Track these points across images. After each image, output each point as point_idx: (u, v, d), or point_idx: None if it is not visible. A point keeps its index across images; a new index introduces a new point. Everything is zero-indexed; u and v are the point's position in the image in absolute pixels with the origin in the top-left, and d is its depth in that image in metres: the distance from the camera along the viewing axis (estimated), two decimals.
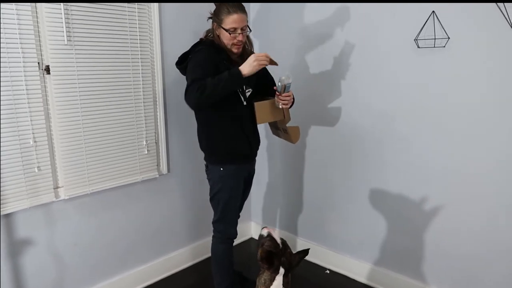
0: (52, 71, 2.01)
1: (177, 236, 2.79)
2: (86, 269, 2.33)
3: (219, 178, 2.16)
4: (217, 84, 1.87)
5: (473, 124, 2.06)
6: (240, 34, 2.02)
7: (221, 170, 2.14)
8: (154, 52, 2.42)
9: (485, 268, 2.13)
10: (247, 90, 2.14)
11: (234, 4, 2.01)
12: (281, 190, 3.05)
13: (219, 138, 2.12)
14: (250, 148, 2.19)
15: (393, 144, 2.37)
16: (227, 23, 2.00)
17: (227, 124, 2.10)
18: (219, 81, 1.87)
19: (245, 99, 2.13)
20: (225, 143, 2.12)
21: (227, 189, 2.16)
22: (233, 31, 2.01)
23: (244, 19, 2.03)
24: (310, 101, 2.71)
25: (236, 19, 1.99)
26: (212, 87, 1.86)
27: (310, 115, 2.74)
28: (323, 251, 2.84)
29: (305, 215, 2.93)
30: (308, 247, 1.86)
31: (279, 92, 2.03)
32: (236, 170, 2.16)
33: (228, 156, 2.13)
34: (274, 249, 1.70)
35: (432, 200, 2.26)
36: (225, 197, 2.17)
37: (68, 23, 2.02)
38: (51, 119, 2.07)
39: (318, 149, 2.76)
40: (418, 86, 2.21)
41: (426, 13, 2.09)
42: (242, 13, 2.01)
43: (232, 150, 2.13)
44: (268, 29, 2.87)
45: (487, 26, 1.94)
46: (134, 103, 2.36)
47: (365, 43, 2.38)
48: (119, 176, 2.36)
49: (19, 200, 1.99)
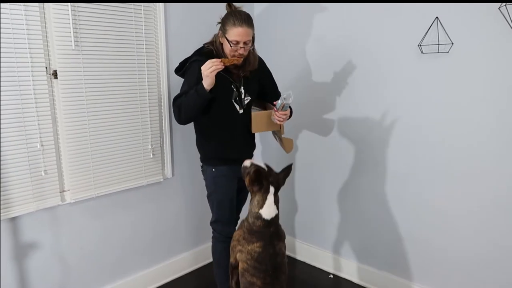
0: (60, 76, 2.03)
1: (181, 240, 2.79)
2: (91, 273, 2.34)
3: (212, 179, 2.22)
4: (187, 103, 1.99)
5: (476, 130, 2.07)
6: (241, 48, 2.00)
7: (213, 171, 2.20)
8: (159, 57, 2.44)
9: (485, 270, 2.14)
10: (246, 98, 2.16)
11: (242, 17, 1.98)
12: (286, 195, 3.05)
13: (210, 142, 2.19)
14: (239, 153, 2.21)
15: (393, 149, 2.38)
16: (231, 34, 1.98)
17: (218, 130, 2.15)
18: (188, 100, 1.98)
19: (241, 107, 2.15)
20: (215, 147, 2.18)
21: (219, 189, 2.22)
22: (235, 43, 1.98)
23: (249, 33, 1.99)
24: (311, 105, 2.72)
25: (240, 33, 1.96)
26: (185, 107, 2.00)
27: (311, 119, 2.75)
28: (326, 256, 2.85)
29: (310, 220, 2.93)
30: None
31: (277, 109, 2.07)
32: (227, 170, 2.20)
33: (218, 159, 2.19)
34: (263, 172, 1.84)
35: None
36: (218, 197, 2.23)
37: (75, 29, 2.04)
38: (58, 123, 2.09)
39: (321, 154, 2.77)
40: (422, 91, 2.23)
41: (429, 18, 2.11)
42: (247, 27, 1.98)
43: (221, 155, 2.18)
44: (271, 31, 2.90)
45: (490, 32, 1.96)
46: (140, 107, 2.38)
47: (369, 48, 2.40)
48: (125, 180, 2.38)
49: (25, 203, 2.00)
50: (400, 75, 2.30)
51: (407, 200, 2.39)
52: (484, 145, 2.06)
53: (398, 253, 2.48)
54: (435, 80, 2.17)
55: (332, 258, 2.82)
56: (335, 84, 2.60)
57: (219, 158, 2.19)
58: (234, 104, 2.13)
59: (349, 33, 2.47)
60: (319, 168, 2.80)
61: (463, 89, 2.09)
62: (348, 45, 2.49)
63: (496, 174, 2.04)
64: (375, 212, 2.54)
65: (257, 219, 1.86)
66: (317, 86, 2.69)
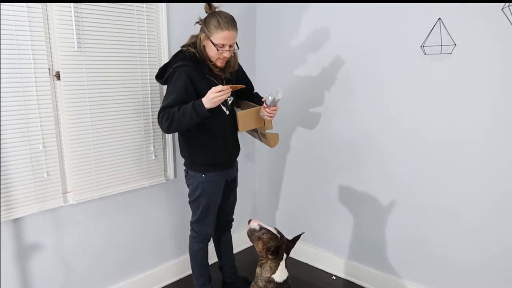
0: (63, 77, 2.04)
1: (184, 242, 2.78)
2: (94, 274, 2.34)
3: (200, 184, 2.19)
4: (183, 119, 1.92)
5: (479, 132, 2.07)
6: (227, 51, 1.98)
7: (203, 176, 2.17)
8: (162, 58, 2.44)
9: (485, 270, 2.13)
10: (229, 98, 2.17)
11: (227, 19, 1.95)
12: (287, 196, 3.05)
13: (200, 149, 2.14)
14: (229, 156, 2.24)
15: (394, 149, 2.38)
16: (217, 38, 1.94)
17: (208, 136, 2.12)
18: (184, 114, 1.92)
19: (227, 109, 2.16)
20: (205, 153, 2.15)
21: (207, 194, 2.20)
22: (221, 47, 1.96)
23: (235, 36, 1.98)
24: (311, 105, 2.72)
25: (226, 36, 1.94)
26: (179, 121, 1.93)
27: (312, 119, 2.75)
28: (329, 257, 2.84)
29: (311, 221, 2.92)
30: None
31: (268, 106, 2.06)
32: (216, 176, 2.20)
33: (207, 165, 2.17)
34: (277, 241, 1.83)
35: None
36: (205, 202, 2.22)
37: (78, 30, 2.04)
38: (60, 125, 2.10)
39: (319, 152, 2.77)
40: (424, 92, 2.22)
41: (432, 19, 2.11)
42: (233, 30, 1.96)
43: (212, 161, 2.16)
44: (269, 31, 2.90)
45: (493, 33, 1.95)
46: (142, 109, 2.38)
47: (370, 48, 2.40)
48: (127, 181, 2.38)
49: (28, 205, 2.00)
50: (402, 76, 2.29)
51: (412, 202, 2.39)
52: (487, 147, 2.06)
53: (400, 254, 2.48)
54: (438, 82, 2.16)
55: (334, 260, 2.82)
56: (336, 84, 2.59)
57: (209, 164, 2.16)
58: (221, 107, 2.11)
59: (351, 34, 2.47)
60: (323, 168, 2.79)
61: (466, 90, 2.08)
62: (350, 45, 2.48)
63: (500, 175, 2.04)
64: (376, 213, 2.54)
65: (269, 283, 1.85)
66: (318, 87, 2.69)
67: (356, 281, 2.71)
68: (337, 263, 2.81)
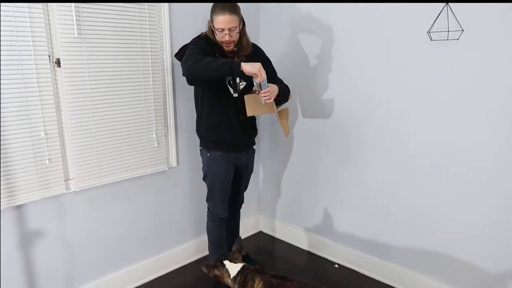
0: (63, 64, 2.02)
1: (186, 229, 2.80)
2: (96, 261, 2.36)
3: (206, 163, 2.33)
4: (212, 61, 1.95)
5: (486, 120, 2.03)
6: (227, 34, 2.07)
7: (208, 155, 2.31)
8: (163, 44, 2.42)
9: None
10: (241, 83, 2.22)
11: (225, 5, 2.04)
12: (291, 184, 3.04)
13: (206, 126, 2.28)
14: (234, 137, 2.28)
15: (398, 138, 2.35)
16: (216, 22, 2.07)
17: (213, 113, 2.23)
18: (215, 61, 1.96)
19: (235, 91, 2.22)
20: (209, 131, 2.27)
21: (211, 173, 2.33)
22: (220, 31, 2.07)
23: (232, 20, 2.05)
24: (317, 93, 2.69)
25: (221, 20, 2.04)
26: (207, 62, 1.94)
27: (314, 108, 2.72)
28: (331, 245, 2.84)
29: (314, 209, 2.92)
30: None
31: (258, 91, 2.08)
32: (221, 156, 2.28)
33: (213, 143, 2.29)
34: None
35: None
36: (210, 180, 2.35)
37: (78, 17, 2.02)
38: (62, 112, 2.09)
39: (323, 141, 2.75)
40: (430, 80, 2.18)
41: (439, 4, 2.05)
42: (230, 15, 2.04)
43: (215, 138, 2.27)
44: (272, 31, 2.86)
45: (502, 18, 1.90)
46: (144, 96, 2.37)
47: (376, 35, 2.35)
48: (129, 168, 2.38)
49: (30, 192, 2.01)
50: (408, 63, 2.24)
51: (416, 191, 2.36)
52: (494, 136, 2.02)
53: (403, 243, 2.47)
54: (444, 69, 2.12)
55: (337, 248, 2.81)
56: (341, 71, 2.56)
57: (212, 140, 2.28)
58: (228, 87, 2.19)
59: (355, 20, 2.42)
60: (327, 156, 2.77)
61: (474, 78, 2.03)
62: (355, 31, 2.44)
63: (504, 166, 2.00)
64: (379, 202, 2.52)
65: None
66: (323, 74, 2.65)
67: (358, 270, 2.71)
68: (339, 251, 2.80)
